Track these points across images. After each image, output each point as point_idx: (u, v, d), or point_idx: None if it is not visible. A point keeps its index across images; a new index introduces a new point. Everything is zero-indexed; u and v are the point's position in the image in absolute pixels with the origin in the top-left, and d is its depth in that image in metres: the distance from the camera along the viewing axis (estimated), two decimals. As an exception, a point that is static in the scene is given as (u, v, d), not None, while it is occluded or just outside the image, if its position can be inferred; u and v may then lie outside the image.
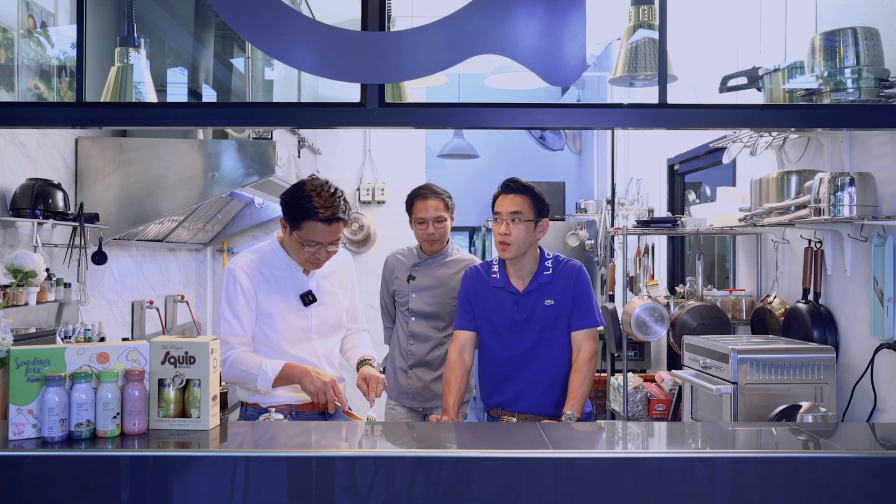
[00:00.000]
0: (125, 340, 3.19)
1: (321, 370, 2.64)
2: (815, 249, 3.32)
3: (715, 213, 3.99)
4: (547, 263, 2.89)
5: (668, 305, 4.13)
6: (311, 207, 2.54)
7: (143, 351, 2.06)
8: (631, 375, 4.44)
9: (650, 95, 2.35)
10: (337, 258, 2.77)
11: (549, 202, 2.89)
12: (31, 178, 3.23)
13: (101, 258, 3.65)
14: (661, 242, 5.39)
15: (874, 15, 2.89)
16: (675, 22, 2.25)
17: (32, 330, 3.08)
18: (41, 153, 3.47)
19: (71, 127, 3.59)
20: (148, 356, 2.06)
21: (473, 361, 2.97)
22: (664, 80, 2.24)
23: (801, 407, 2.76)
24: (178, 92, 4.34)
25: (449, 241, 3.54)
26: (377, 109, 2.21)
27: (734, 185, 4.30)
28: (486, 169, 8.27)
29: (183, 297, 5.08)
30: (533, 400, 2.86)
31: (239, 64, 4.70)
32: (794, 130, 3.32)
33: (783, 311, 3.54)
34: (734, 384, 3.05)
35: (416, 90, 4.75)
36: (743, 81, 2.88)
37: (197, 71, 4.62)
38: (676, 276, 5.26)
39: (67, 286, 3.41)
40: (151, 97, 2.63)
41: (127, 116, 2.39)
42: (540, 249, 2.93)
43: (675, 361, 4.68)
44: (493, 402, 2.94)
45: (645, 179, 5.37)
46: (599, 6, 3.08)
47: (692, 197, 5.26)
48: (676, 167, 5.23)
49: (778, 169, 3.65)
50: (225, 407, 3.55)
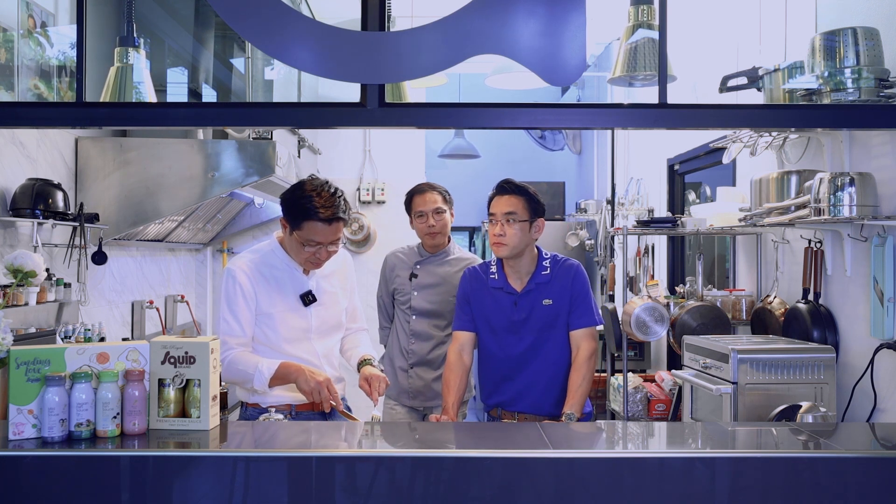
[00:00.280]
0: (125, 340, 3.19)
1: (318, 369, 2.64)
2: (815, 249, 3.33)
3: (715, 213, 3.99)
4: (545, 263, 2.89)
5: (668, 305, 4.13)
6: (311, 207, 2.54)
7: (143, 351, 2.06)
8: (631, 375, 4.44)
9: (650, 95, 2.35)
10: (336, 258, 2.77)
11: (547, 202, 2.90)
12: (31, 178, 3.23)
13: (101, 258, 3.65)
14: (661, 242, 5.39)
15: (874, 15, 2.89)
16: (674, 22, 2.25)
17: (32, 330, 3.08)
18: (41, 153, 3.47)
19: (71, 127, 3.59)
20: (148, 356, 2.06)
21: (473, 362, 2.97)
22: (664, 80, 2.24)
23: (801, 407, 2.76)
24: (178, 92, 4.34)
25: (450, 239, 3.55)
26: (377, 109, 2.21)
27: (734, 185, 4.30)
28: (486, 169, 8.27)
29: (183, 297, 5.08)
30: (533, 400, 2.86)
31: (239, 64, 4.70)
32: (794, 130, 3.32)
33: (783, 311, 3.54)
34: (734, 384, 3.05)
35: (416, 90, 4.75)
36: (743, 81, 2.88)
37: (197, 71, 4.62)
38: (676, 276, 5.26)
39: (67, 286, 3.41)
40: (151, 97, 2.63)
41: (127, 116, 2.39)
42: (538, 249, 2.93)
43: (675, 361, 4.68)
44: (493, 402, 2.94)
45: (645, 179, 5.37)
46: (599, 6, 3.07)
47: (692, 197, 5.26)
48: (676, 167, 5.23)
49: (778, 169, 3.65)
50: (225, 407, 3.55)
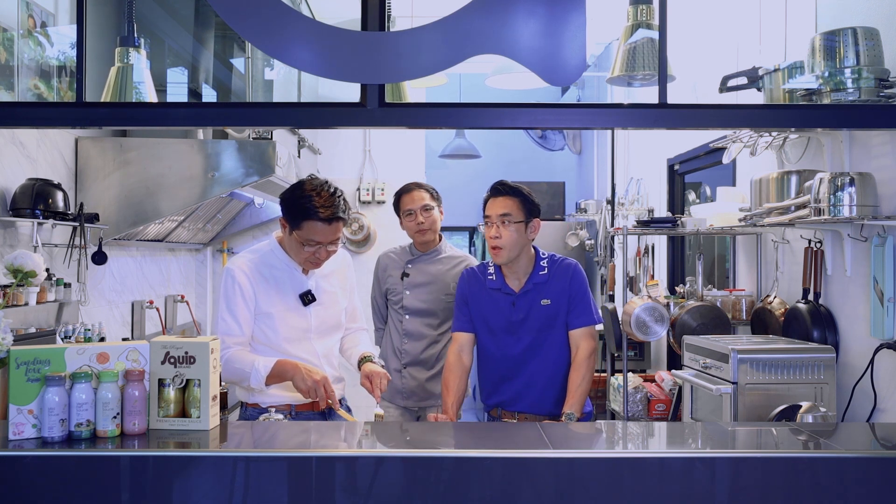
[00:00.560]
0: (125, 340, 3.19)
1: (314, 368, 2.63)
2: (815, 249, 3.32)
3: (715, 213, 3.99)
4: (542, 263, 2.89)
5: (668, 305, 4.13)
6: (310, 207, 2.54)
7: (143, 351, 2.06)
8: (631, 375, 4.44)
9: (650, 95, 2.35)
10: (336, 258, 2.77)
11: (547, 202, 2.90)
12: (31, 178, 3.23)
13: (101, 258, 3.65)
14: (661, 242, 5.39)
15: (874, 15, 2.89)
16: (674, 22, 2.25)
17: (32, 330, 3.08)
18: (41, 153, 3.47)
19: (71, 127, 3.59)
20: (148, 356, 2.06)
21: (472, 362, 2.98)
22: (664, 80, 2.24)
23: (801, 407, 2.76)
24: (178, 92, 4.34)
25: (441, 237, 3.55)
26: (377, 109, 2.21)
27: (734, 185, 4.30)
28: (486, 169, 8.27)
29: (183, 297, 5.08)
30: (532, 400, 2.86)
31: (239, 64, 4.70)
32: (794, 130, 3.32)
33: (783, 311, 3.54)
34: (734, 384, 3.05)
35: (416, 90, 4.75)
36: (743, 81, 2.88)
37: (197, 71, 4.62)
38: (676, 276, 5.26)
39: (67, 286, 3.41)
40: (152, 97, 2.63)
41: (127, 116, 2.39)
42: (535, 249, 2.92)
43: (675, 361, 4.68)
44: (492, 402, 2.94)
45: (645, 179, 5.37)
46: (599, 6, 3.07)
47: (692, 197, 5.26)
48: (676, 167, 5.23)
49: (778, 169, 3.65)
50: (225, 407, 3.55)
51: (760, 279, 3.97)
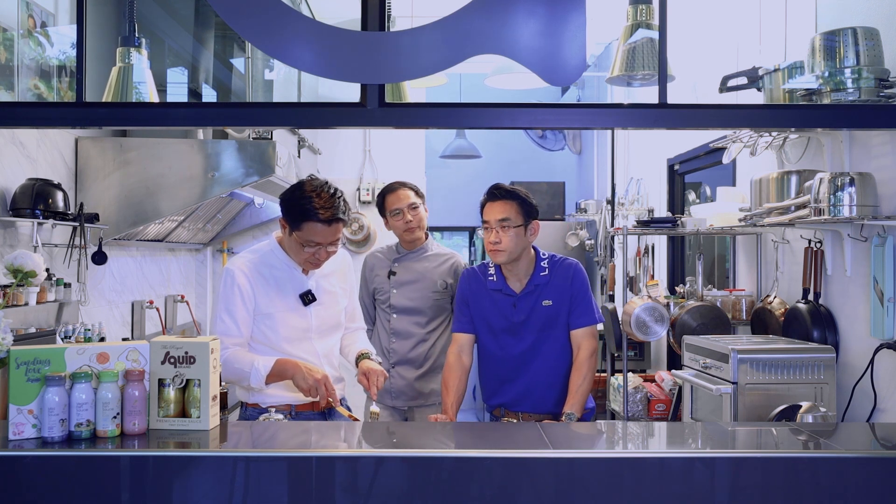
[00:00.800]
0: (125, 340, 3.19)
1: (314, 366, 2.63)
2: (815, 249, 3.33)
3: (715, 213, 3.99)
4: (543, 264, 2.88)
5: (668, 305, 4.13)
6: (311, 208, 2.54)
7: (143, 351, 2.06)
8: (631, 375, 4.44)
9: (650, 95, 2.35)
10: (336, 258, 2.77)
11: (547, 202, 2.89)
12: (31, 178, 3.23)
13: (101, 258, 3.65)
14: (661, 242, 5.39)
15: (874, 15, 2.89)
16: (674, 22, 2.25)
17: (32, 330, 3.08)
18: (41, 153, 3.47)
19: (71, 127, 3.59)
20: (148, 356, 2.06)
21: (473, 362, 2.97)
22: (664, 79, 2.24)
23: (801, 407, 2.76)
24: (178, 92, 4.34)
25: (428, 235, 3.55)
26: (377, 109, 2.21)
27: (734, 185, 4.30)
28: (486, 169, 8.27)
29: (183, 297, 5.08)
30: (535, 400, 2.86)
31: (239, 64, 4.70)
32: (794, 130, 3.32)
33: (783, 311, 3.54)
34: (734, 384, 3.05)
35: (416, 90, 4.75)
36: (743, 81, 2.88)
37: (197, 71, 4.62)
38: (676, 276, 5.27)
39: (67, 286, 3.41)
40: (153, 97, 2.63)
41: (127, 116, 2.39)
42: (535, 250, 2.92)
43: (675, 361, 4.68)
44: (495, 403, 2.94)
45: (645, 179, 5.37)
46: (599, 6, 3.07)
47: (692, 197, 5.26)
48: (676, 167, 5.23)
49: (778, 169, 3.65)
50: (225, 407, 3.55)
51: (760, 279, 3.97)
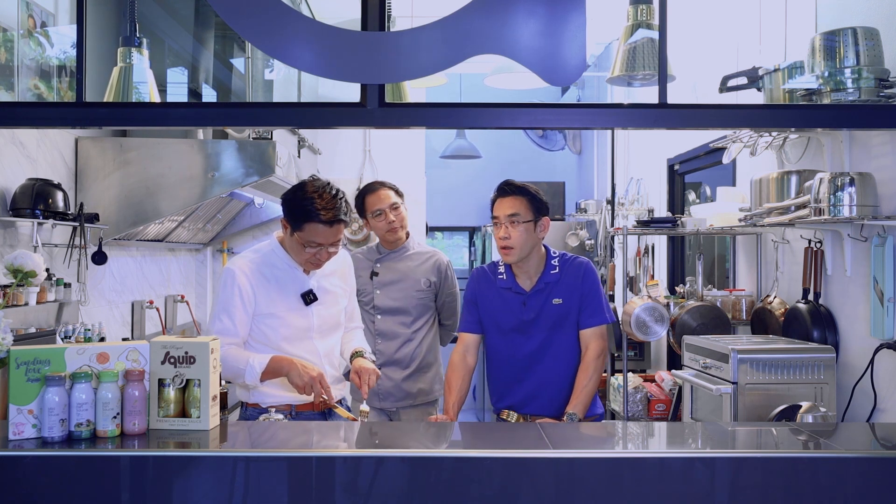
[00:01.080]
0: (125, 340, 3.19)
1: (310, 364, 2.62)
2: (815, 249, 3.33)
3: (715, 213, 3.99)
4: (553, 262, 2.85)
5: (668, 305, 4.13)
6: (312, 209, 2.54)
7: (143, 351, 2.06)
8: (631, 375, 4.44)
9: (650, 95, 2.35)
10: (337, 258, 2.77)
11: (547, 201, 2.87)
12: (31, 178, 3.23)
13: (101, 258, 3.65)
14: (661, 242, 5.39)
15: (874, 15, 2.89)
16: (674, 22, 2.25)
17: (32, 330, 3.08)
18: (41, 153, 3.47)
19: (71, 127, 3.59)
20: (148, 356, 2.06)
21: (476, 363, 2.95)
22: (664, 80, 2.24)
23: (801, 407, 2.76)
24: (178, 92, 4.34)
25: (409, 234, 3.53)
26: (377, 109, 2.21)
27: (734, 185, 4.30)
28: (486, 169, 8.27)
29: (183, 297, 5.08)
30: (544, 401, 2.80)
31: (239, 64, 4.70)
32: (794, 130, 3.32)
33: (783, 311, 3.54)
34: (734, 384, 3.05)
35: (416, 90, 4.75)
36: (743, 81, 2.88)
37: (197, 71, 4.62)
38: (676, 276, 5.26)
39: (67, 286, 3.41)
40: (154, 97, 2.63)
41: (127, 116, 2.39)
42: (545, 248, 2.89)
43: (675, 361, 4.68)
44: (503, 405, 2.88)
45: (645, 179, 5.37)
46: (599, 6, 3.07)
47: (692, 197, 5.26)
48: (676, 167, 5.23)
49: (778, 169, 3.65)
50: (225, 407, 3.55)
51: (760, 279, 3.97)
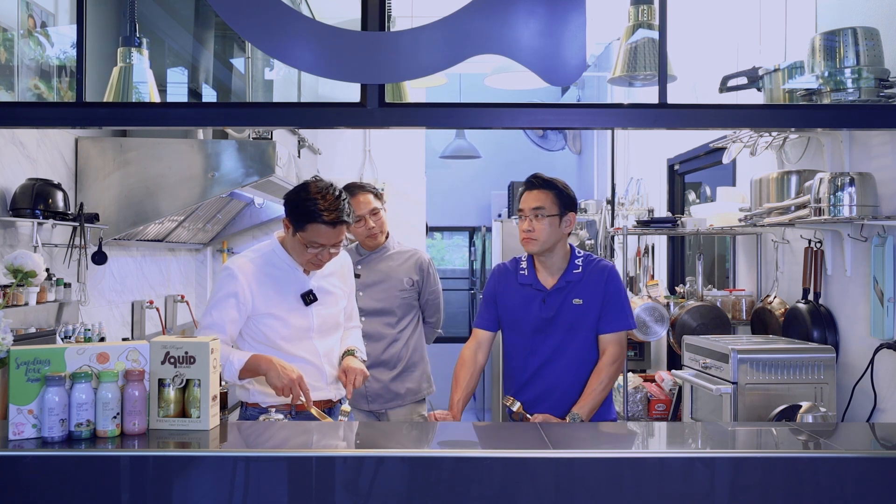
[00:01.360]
0: (125, 340, 3.19)
1: (290, 365, 2.58)
2: (815, 249, 3.33)
3: (715, 213, 3.99)
4: (577, 262, 2.82)
5: (668, 305, 4.13)
6: (315, 210, 2.54)
7: (143, 351, 2.06)
8: (631, 375, 4.43)
9: (650, 95, 2.35)
10: (336, 259, 2.77)
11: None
12: (31, 178, 3.23)
13: (101, 258, 3.65)
14: (661, 242, 5.39)
15: (874, 15, 2.89)
16: (675, 22, 2.25)
17: (32, 330, 3.08)
18: (41, 153, 3.47)
19: (71, 127, 3.59)
20: (148, 356, 2.06)
21: (487, 361, 2.92)
22: (664, 80, 2.24)
23: (801, 407, 2.76)
24: (178, 92, 4.34)
25: (388, 235, 3.51)
26: (377, 109, 2.21)
27: (734, 185, 4.30)
28: (486, 169, 8.27)
29: (183, 297, 5.08)
30: (555, 402, 2.76)
31: (239, 64, 4.70)
32: (794, 130, 3.33)
33: (783, 311, 3.54)
34: (734, 384, 3.05)
35: (416, 90, 4.75)
36: (743, 81, 2.89)
37: (197, 71, 4.62)
38: (676, 276, 5.26)
39: (67, 286, 3.41)
40: (154, 97, 2.63)
41: (127, 116, 2.39)
42: (571, 247, 2.86)
43: (675, 361, 4.68)
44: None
45: (645, 179, 5.37)
46: (599, 6, 3.07)
47: (692, 197, 5.26)
48: (676, 167, 5.23)
49: (778, 169, 3.65)
50: (225, 407, 3.55)
51: (760, 279, 3.97)
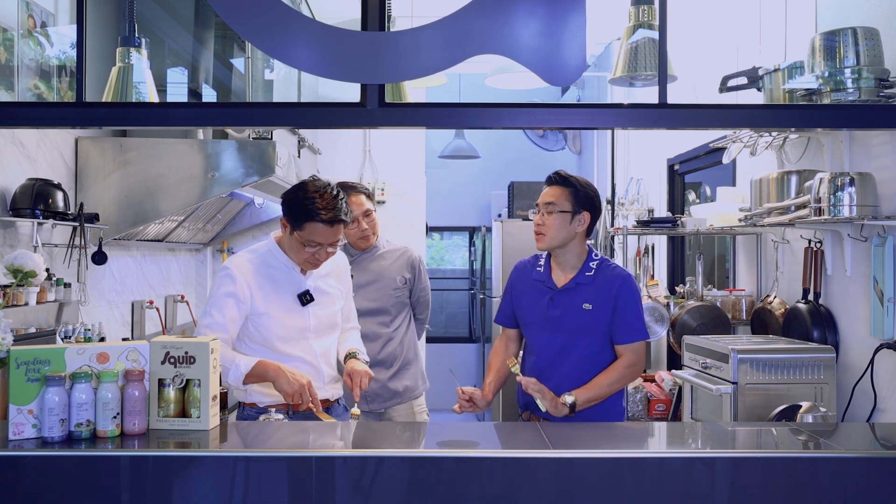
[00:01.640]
0: (125, 340, 3.19)
1: (298, 371, 2.58)
2: (815, 249, 3.33)
3: (715, 213, 3.99)
4: (591, 264, 2.78)
5: (668, 305, 4.13)
6: (313, 209, 2.54)
7: (143, 351, 2.06)
8: (631, 375, 4.43)
9: (650, 95, 2.35)
10: (334, 259, 2.77)
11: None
12: (31, 178, 3.23)
13: (101, 258, 3.65)
14: (661, 242, 5.39)
15: (874, 15, 2.90)
16: (675, 22, 2.25)
17: (32, 330, 3.08)
18: (41, 153, 3.47)
19: (71, 127, 3.59)
20: (148, 356, 2.06)
21: (520, 350, 2.93)
22: (664, 80, 2.24)
23: (801, 407, 2.76)
24: (178, 92, 4.34)
25: (378, 234, 3.51)
26: (377, 109, 2.21)
27: (734, 185, 4.30)
28: (485, 169, 8.26)
29: (183, 297, 5.08)
30: None
31: (239, 64, 4.70)
32: (794, 130, 3.33)
33: (783, 311, 3.54)
34: (734, 384, 3.05)
35: (416, 90, 4.75)
36: (743, 81, 2.89)
37: (197, 71, 4.62)
38: (676, 276, 5.26)
39: (67, 286, 3.41)
40: (153, 97, 2.63)
41: (127, 116, 2.39)
42: (589, 248, 2.83)
43: (675, 361, 4.68)
44: (521, 402, 2.83)
45: (645, 179, 5.36)
46: (599, 6, 3.07)
47: (692, 197, 5.26)
48: (676, 167, 5.23)
49: (778, 169, 3.65)
50: (225, 407, 3.55)
51: (760, 279, 3.97)
